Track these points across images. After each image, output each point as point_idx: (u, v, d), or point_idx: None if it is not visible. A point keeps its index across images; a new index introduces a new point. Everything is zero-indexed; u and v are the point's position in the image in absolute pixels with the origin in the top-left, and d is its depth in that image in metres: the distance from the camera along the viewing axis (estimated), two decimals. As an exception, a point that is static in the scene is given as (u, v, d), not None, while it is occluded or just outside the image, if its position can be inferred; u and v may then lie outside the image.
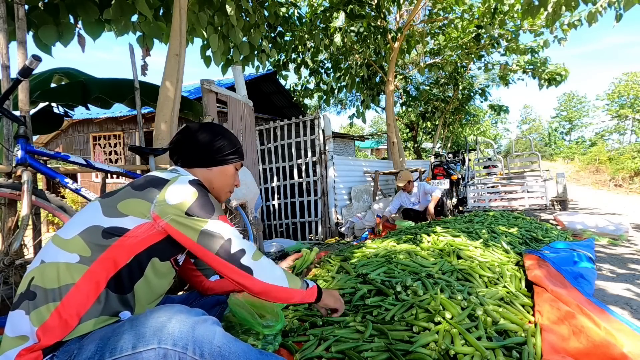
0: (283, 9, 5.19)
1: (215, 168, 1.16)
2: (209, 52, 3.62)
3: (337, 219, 5.34)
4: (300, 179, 5.62)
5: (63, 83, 3.03)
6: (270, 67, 7.46)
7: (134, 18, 2.99)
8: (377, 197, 6.10)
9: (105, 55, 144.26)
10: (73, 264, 0.85)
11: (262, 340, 1.21)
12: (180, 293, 1.83)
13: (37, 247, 1.93)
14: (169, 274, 1.05)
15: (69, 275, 0.84)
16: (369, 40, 6.71)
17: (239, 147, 1.23)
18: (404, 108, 13.47)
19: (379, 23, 6.59)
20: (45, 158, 1.93)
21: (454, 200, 5.99)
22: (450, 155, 7.73)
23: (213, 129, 1.19)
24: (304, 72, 7.90)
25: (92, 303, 0.85)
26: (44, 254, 0.89)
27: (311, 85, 8.58)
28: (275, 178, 5.89)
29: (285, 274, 1.02)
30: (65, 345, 0.81)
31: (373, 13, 6.41)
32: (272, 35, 5.46)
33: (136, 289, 0.94)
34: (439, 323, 1.32)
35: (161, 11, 3.26)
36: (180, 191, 0.96)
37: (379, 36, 6.56)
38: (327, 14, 6.08)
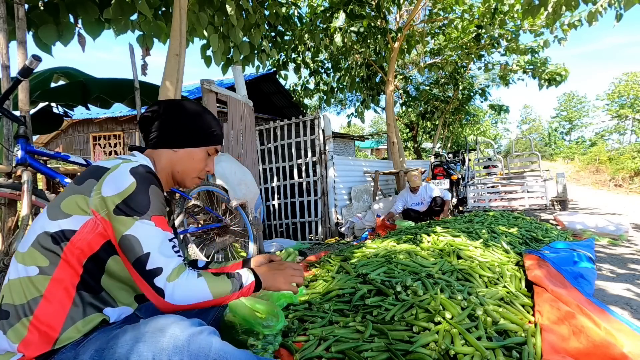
0: (283, 9, 5.18)
1: (181, 150, 1.04)
2: (209, 52, 3.61)
3: (337, 219, 5.34)
4: (300, 179, 5.62)
5: (63, 83, 3.03)
6: (270, 67, 7.46)
7: (134, 17, 2.99)
8: (377, 197, 6.10)
9: (105, 55, 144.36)
10: (34, 277, 0.81)
11: (262, 340, 1.22)
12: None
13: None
14: None
15: (34, 288, 0.81)
16: (369, 40, 6.72)
17: (214, 130, 1.08)
18: (404, 108, 13.49)
19: (379, 23, 6.59)
20: (45, 158, 1.93)
21: (454, 200, 5.99)
22: (450, 155, 7.74)
23: (185, 107, 1.04)
24: (304, 72, 7.92)
25: (69, 308, 0.82)
26: (10, 271, 0.85)
27: (311, 85, 8.58)
28: (275, 178, 5.89)
29: (209, 285, 0.87)
30: (60, 353, 0.80)
31: (373, 13, 6.41)
32: (272, 35, 5.46)
33: (104, 286, 0.89)
34: (439, 323, 1.32)
35: (161, 11, 3.26)
36: (116, 181, 0.84)
37: (379, 36, 6.56)
38: (327, 14, 6.09)
